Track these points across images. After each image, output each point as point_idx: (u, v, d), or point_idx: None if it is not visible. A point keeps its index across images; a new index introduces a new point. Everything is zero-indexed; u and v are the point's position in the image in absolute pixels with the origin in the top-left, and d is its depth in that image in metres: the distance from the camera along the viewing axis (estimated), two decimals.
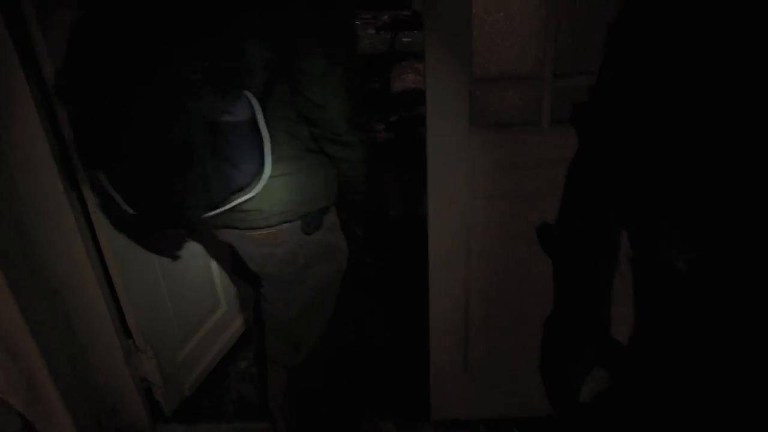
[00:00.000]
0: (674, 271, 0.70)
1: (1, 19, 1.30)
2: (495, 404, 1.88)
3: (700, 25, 0.71)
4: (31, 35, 1.36)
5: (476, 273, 1.69)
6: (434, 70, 1.45)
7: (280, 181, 1.24)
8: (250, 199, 1.18)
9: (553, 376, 1.06)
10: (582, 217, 0.85)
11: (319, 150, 1.32)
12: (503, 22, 1.44)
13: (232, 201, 1.16)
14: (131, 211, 1.13)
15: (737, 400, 0.77)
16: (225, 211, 1.17)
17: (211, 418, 1.99)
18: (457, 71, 1.45)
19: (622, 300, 0.83)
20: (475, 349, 1.80)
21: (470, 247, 1.67)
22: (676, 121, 0.70)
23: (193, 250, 1.92)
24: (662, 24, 0.76)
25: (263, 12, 1.02)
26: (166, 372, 1.91)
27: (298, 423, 1.61)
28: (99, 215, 1.58)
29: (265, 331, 1.57)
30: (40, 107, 1.41)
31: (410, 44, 5.29)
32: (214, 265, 2.06)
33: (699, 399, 0.77)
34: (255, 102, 1.06)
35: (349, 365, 1.96)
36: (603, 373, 0.96)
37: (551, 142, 1.51)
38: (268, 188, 1.18)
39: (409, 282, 2.48)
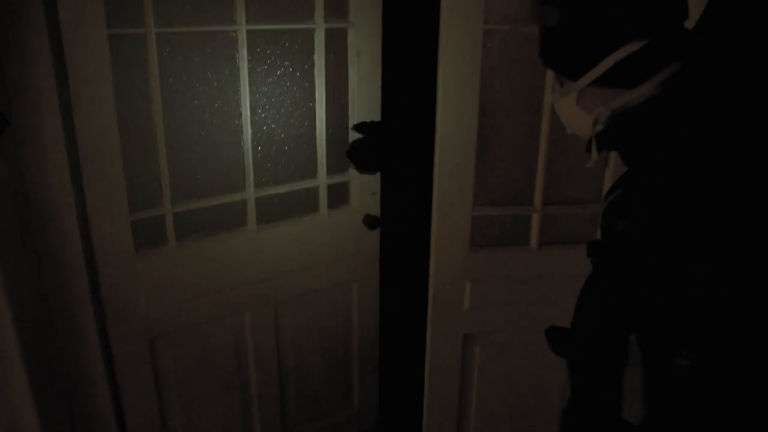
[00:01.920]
0: (678, 368, 0.89)
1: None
2: None
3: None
4: None
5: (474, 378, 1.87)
6: (441, 198, 1.68)
7: None
8: None
9: None
10: (600, 330, 1.04)
11: None
12: (502, 161, 1.71)
13: None
14: None
15: None
16: None
17: None
18: (462, 201, 1.68)
19: (631, 390, 1.02)
20: None
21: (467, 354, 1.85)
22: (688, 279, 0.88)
23: None
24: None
25: None
26: None
27: None
28: None
29: None
30: None
31: None
32: None
33: None
34: None
35: None
36: None
37: (539, 261, 1.76)
38: None
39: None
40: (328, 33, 1.87)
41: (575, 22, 0.98)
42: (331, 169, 2.00)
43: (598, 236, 1.11)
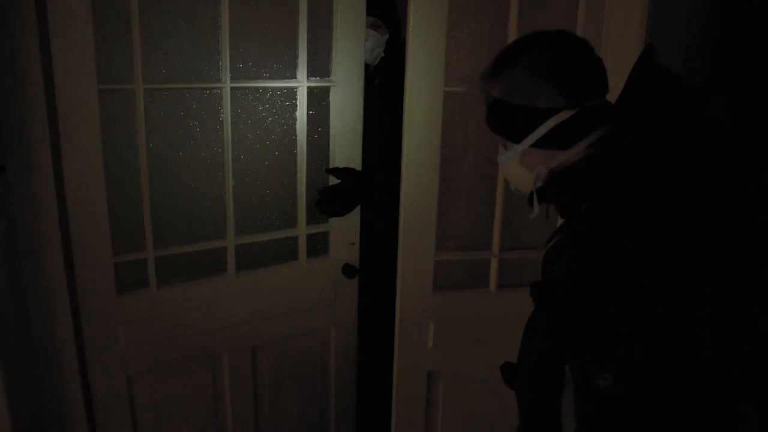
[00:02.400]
0: (599, 388, 1.03)
1: None
2: None
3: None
4: None
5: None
6: (406, 243, 1.81)
7: None
8: None
9: None
10: (539, 359, 1.18)
11: None
12: (462, 209, 1.85)
13: None
14: None
15: None
16: None
17: None
18: (425, 246, 1.82)
19: (566, 413, 1.15)
20: None
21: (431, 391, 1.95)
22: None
23: None
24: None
25: None
26: None
27: None
28: None
29: None
30: None
31: None
32: None
33: None
34: None
35: None
36: None
37: (498, 302, 1.89)
38: None
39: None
40: (311, 90, 1.99)
41: (514, 95, 1.13)
42: (312, 220, 2.08)
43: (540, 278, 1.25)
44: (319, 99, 2.02)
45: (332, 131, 2.04)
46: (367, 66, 2.18)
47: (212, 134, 1.86)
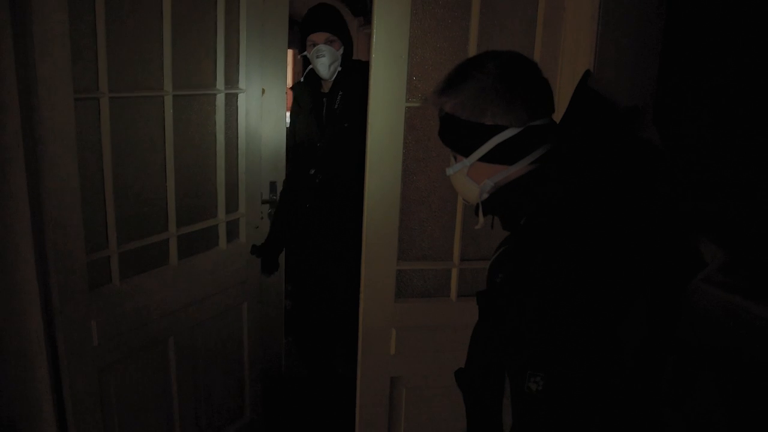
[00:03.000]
0: (530, 391, 1.09)
1: None
2: None
3: None
4: None
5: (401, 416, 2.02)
6: (369, 252, 1.87)
7: None
8: None
9: None
10: (483, 365, 1.25)
11: None
12: (424, 220, 1.92)
13: None
14: None
15: None
16: None
17: None
18: (388, 256, 1.88)
19: (507, 413, 1.21)
20: None
21: (394, 396, 2.01)
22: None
23: None
24: None
25: None
26: None
27: None
28: None
29: None
30: None
31: None
32: None
33: None
34: None
35: None
36: None
37: (458, 310, 1.95)
38: None
39: None
40: (229, 97, 2.30)
41: (463, 111, 1.19)
42: (228, 209, 2.40)
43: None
44: (233, 104, 2.35)
45: (240, 132, 2.38)
46: (322, 80, 2.52)
47: (159, 138, 2.06)
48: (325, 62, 2.40)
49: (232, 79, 2.32)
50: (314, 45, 2.45)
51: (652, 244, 1.10)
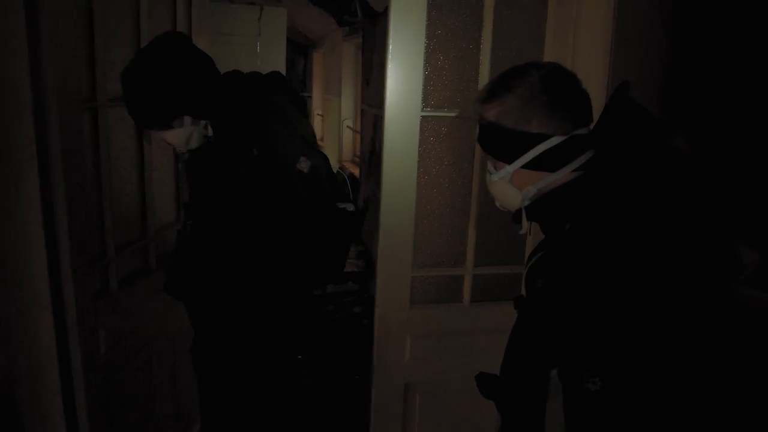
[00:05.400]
0: (589, 393, 1.11)
1: None
2: None
3: None
4: None
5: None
6: (384, 260, 1.89)
7: None
8: None
9: None
10: (526, 368, 1.26)
11: None
12: (437, 226, 1.95)
13: None
14: None
15: None
16: None
17: None
18: (403, 263, 1.90)
19: (553, 418, 1.23)
20: None
21: (408, 401, 2.03)
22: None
23: None
24: None
25: None
26: None
27: None
28: None
29: None
30: None
31: None
32: None
33: None
34: None
35: None
36: None
37: (471, 316, 1.99)
38: None
39: None
40: None
41: (507, 119, 1.20)
42: None
43: (523, 292, 1.34)
44: None
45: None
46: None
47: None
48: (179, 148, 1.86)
49: None
50: None
51: (700, 247, 1.14)
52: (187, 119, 1.77)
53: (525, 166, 1.22)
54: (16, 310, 1.68)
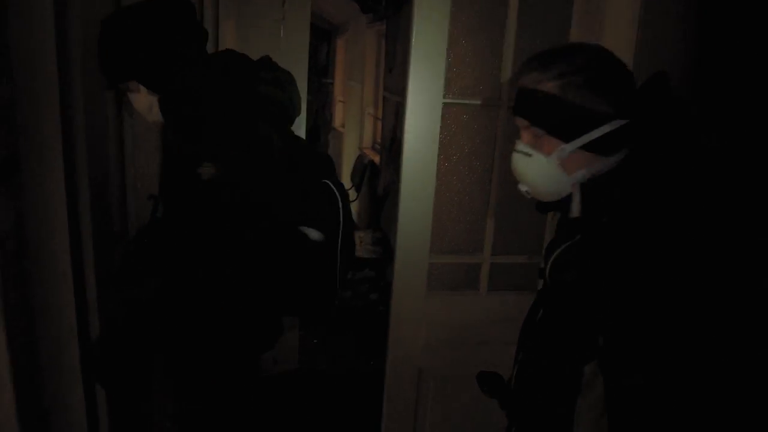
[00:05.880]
0: (629, 389, 1.03)
1: None
2: None
3: None
4: None
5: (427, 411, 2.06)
6: (402, 246, 1.90)
7: None
8: None
9: None
10: (557, 363, 1.21)
11: None
12: (455, 213, 1.95)
13: None
14: None
15: None
16: None
17: None
18: (421, 249, 1.91)
19: (583, 415, 1.21)
20: None
21: (421, 388, 2.04)
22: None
23: None
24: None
25: None
26: None
27: None
28: None
29: None
30: None
31: None
32: None
33: None
34: None
35: None
36: None
37: (487, 304, 1.99)
38: None
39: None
40: None
41: (573, 93, 1.09)
42: None
43: (539, 286, 1.31)
44: None
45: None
46: None
47: None
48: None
49: None
50: None
51: (747, 244, 1.10)
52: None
53: (583, 147, 1.11)
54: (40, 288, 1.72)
